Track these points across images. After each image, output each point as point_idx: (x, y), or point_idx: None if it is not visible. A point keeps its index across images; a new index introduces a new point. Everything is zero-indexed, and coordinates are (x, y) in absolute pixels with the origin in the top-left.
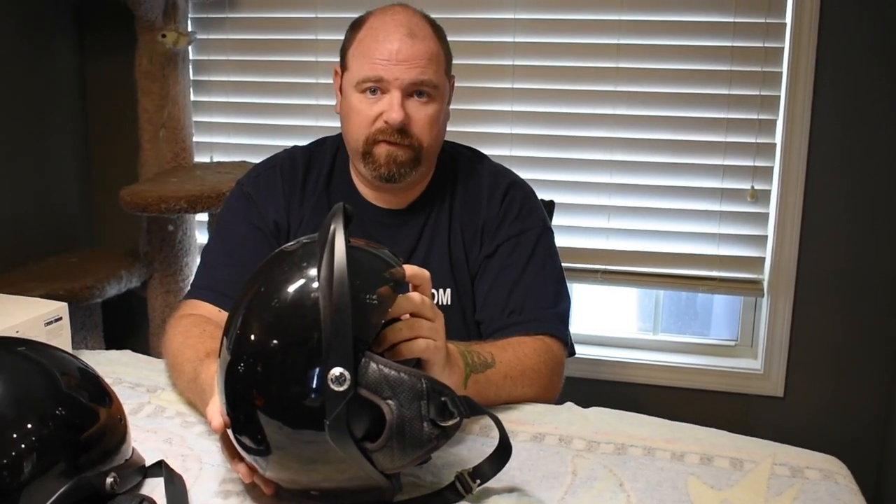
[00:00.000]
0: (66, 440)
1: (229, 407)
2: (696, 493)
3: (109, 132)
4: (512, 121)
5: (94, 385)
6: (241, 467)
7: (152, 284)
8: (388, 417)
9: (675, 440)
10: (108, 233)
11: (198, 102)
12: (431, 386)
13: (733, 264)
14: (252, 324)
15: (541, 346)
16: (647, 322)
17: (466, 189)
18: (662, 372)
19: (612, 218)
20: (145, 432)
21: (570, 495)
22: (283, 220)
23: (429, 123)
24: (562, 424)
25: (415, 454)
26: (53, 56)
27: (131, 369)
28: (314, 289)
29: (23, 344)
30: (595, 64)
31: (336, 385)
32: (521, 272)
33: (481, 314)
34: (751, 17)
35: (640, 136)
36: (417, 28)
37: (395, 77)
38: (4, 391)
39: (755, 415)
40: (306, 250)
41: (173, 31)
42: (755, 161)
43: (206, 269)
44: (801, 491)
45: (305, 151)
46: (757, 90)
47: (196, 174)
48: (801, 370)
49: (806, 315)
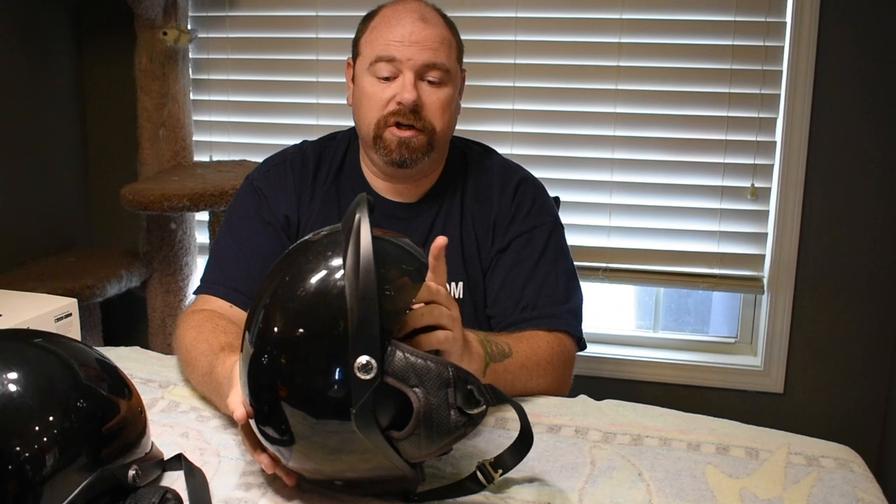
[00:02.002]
0: (88, 432)
1: (253, 398)
2: (714, 481)
3: (108, 131)
4: (513, 119)
5: (113, 377)
6: (263, 458)
7: (152, 284)
8: (416, 405)
9: (690, 431)
10: (106, 232)
11: (197, 101)
12: (458, 374)
13: (734, 261)
14: (277, 313)
15: (554, 340)
16: (646, 319)
17: (477, 183)
18: (662, 369)
19: (613, 216)
20: (161, 427)
21: (590, 485)
22: (293, 215)
23: (441, 107)
24: (577, 416)
25: (441, 442)
26: (52, 55)
27: (142, 365)
28: (340, 278)
29: (39, 335)
30: (596, 63)
31: (362, 373)
32: (534, 267)
33: (493, 309)
34: (751, 16)
35: (640, 135)
36: (429, 15)
37: (407, 58)
38: (26, 383)
39: (755, 411)
40: (331, 240)
41: (174, 28)
42: (755, 159)
43: (216, 264)
44: (818, 479)
45: (316, 146)
46: (757, 88)
47: (197, 173)
48: (800, 367)
49: (806, 312)
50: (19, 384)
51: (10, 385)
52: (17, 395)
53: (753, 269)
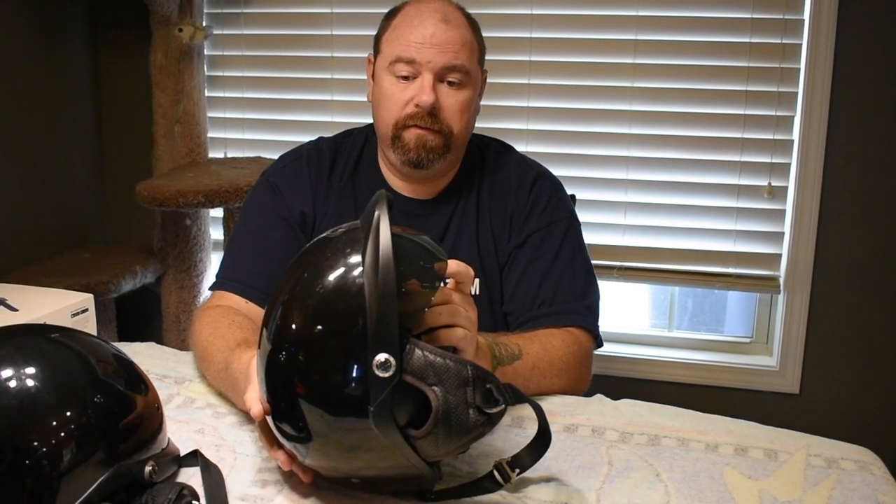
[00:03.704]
0: (105, 428)
1: (270, 395)
2: (733, 483)
3: (123, 128)
4: (528, 117)
5: (129, 372)
6: (279, 455)
7: (166, 280)
8: (434, 404)
9: (708, 431)
10: (120, 229)
11: (212, 98)
12: (476, 373)
13: (750, 261)
14: (295, 310)
15: (569, 337)
16: (661, 319)
17: (494, 179)
18: (677, 369)
19: (628, 214)
20: (177, 423)
21: (607, 485)
22: (309, 211)
23: (459, 110)
24: (594, 416)
25: (459, 441)
26: (67, 52)
27: (157, 361)
28: (359, 275)
29: (56, 330)
30: (612, 60)
31: (381, 371)
32: (552, 263)
33: (510, 305)
34: (769, 14)
35: (656, 133)
36: (452, 16)
37: (427, 60)
38: (44, 378)
39: (771, 412)
40: (350, 237)
41: (190, 25)
42: (772, 158)
43: (232, 260)
44: (838, 481)
45: (332, 142)
46: (774, 86)
47: (212, 169)
48: (817, 367)
49: (822, 312)
50: (37, 379)
51: (28, 380)
52: (35, 389)
53: (769, 268)
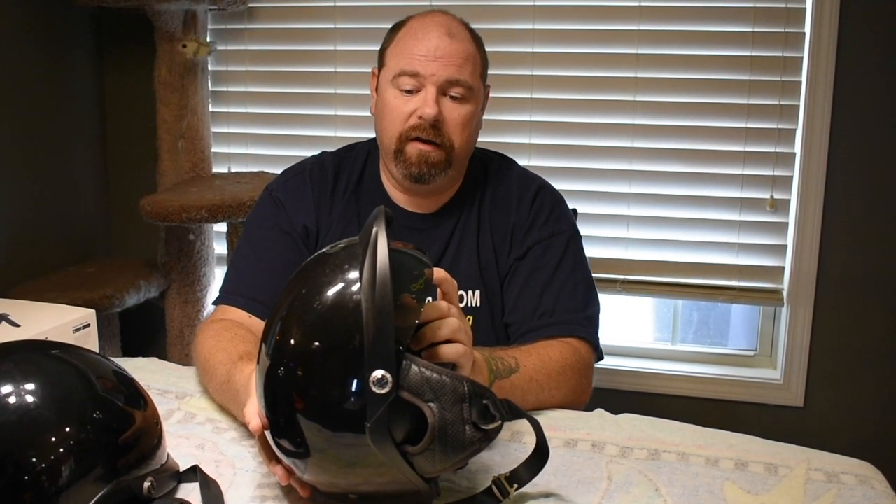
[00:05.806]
0: (104, 444)
1: (268, 410)
2: (733, 498)
3: (127, 143)
4: (531, 131)
5: (129, 388)
6: (278, 469)
7: (170, 294)
8: (431, 420)
9: (708, 446)
10: (125, 243)
11: (216, 113)
12: (473, 389)
13: (753, 274)
14: (293, 326)
15: (567, 349)
16: (664, 332)
17: (496, 192)
18: (681, 382)
19: (631, 228)
20: (177, 438)
21: (606, 500)
22: (312, 225)
23: (461, 124)
24: (594, 430)
25: (456, 458)
26: (72, 67)
27: (159, 376)
28: (356, 291)
29: (56, 347)
30: (614, 74)
31: (378, 387)
32: (552, 275)
33: (511, 316)
34: (770, 27)
35: (658, 146)
36: (457, 30)
37: (431, 73)
38: (43, 394)
39: (774, 425)
40: (348, 253)
41: (194, 41)
42: (774, 170)
43: (235, 274)
44: (838, 496)
45: (335, 156)
46: (776, 100)
47: (215, 184)
48: (821, 380)
49: (826, 325)
50: (36, 395)
51: (27, 396)
52: (34, 406)
53: (773, 281)
